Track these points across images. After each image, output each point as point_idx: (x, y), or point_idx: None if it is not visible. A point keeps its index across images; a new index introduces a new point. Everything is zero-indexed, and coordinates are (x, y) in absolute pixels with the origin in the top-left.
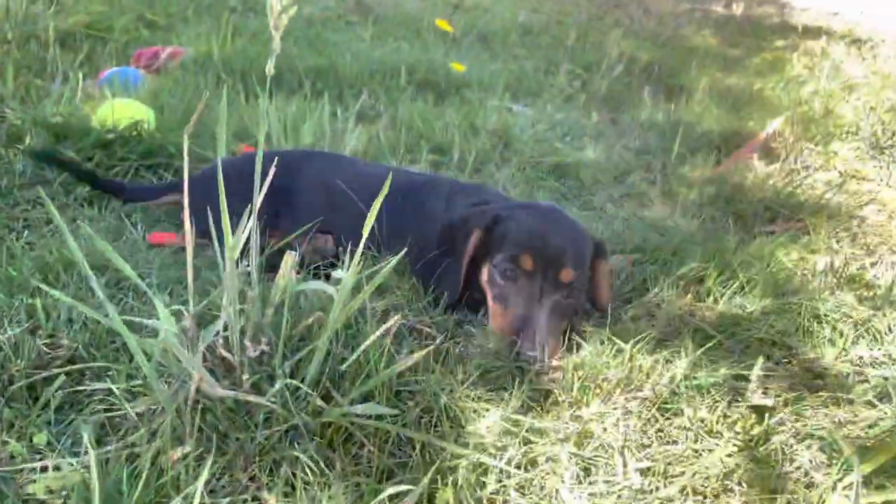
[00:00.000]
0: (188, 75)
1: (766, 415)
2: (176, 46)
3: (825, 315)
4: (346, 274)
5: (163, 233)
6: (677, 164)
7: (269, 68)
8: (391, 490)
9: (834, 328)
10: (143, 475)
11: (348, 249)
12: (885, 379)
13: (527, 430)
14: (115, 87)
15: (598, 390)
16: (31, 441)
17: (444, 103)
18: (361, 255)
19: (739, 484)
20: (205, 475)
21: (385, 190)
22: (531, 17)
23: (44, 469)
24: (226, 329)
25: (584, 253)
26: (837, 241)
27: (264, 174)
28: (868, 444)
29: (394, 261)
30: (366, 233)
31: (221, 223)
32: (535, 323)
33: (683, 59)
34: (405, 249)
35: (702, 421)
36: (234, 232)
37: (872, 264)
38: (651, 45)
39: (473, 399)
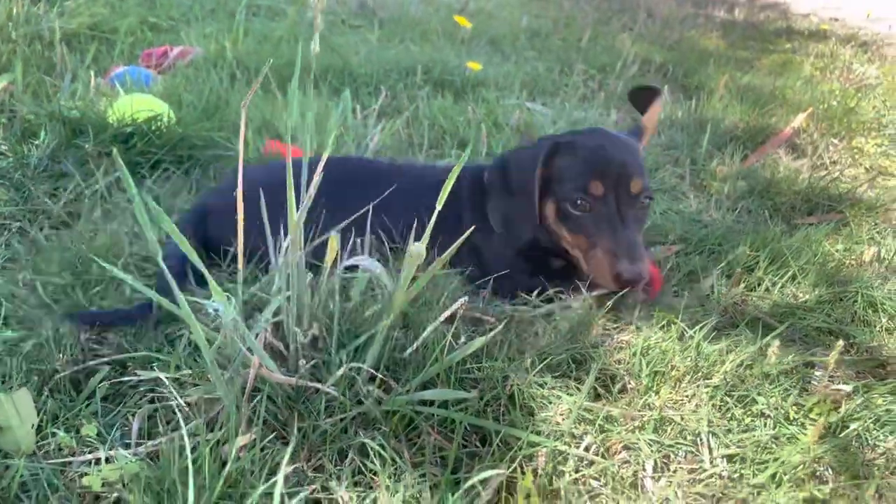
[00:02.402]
0: (201, 73)
1: (842, 401)
2: (185, 46)
3: (881, 303)
4: (419, 246)
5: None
6: (706, 160)
7: (314, 47)
8: (478, 477)
9: (892, 317)
10: (207, 466)
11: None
12: None
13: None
14: (129, 84)
15: (665, 377)
16: (78, 432)
17: (462, 101)
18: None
19: (827, 470)
20: (285, 463)
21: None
22: (535, 21)
23: (96, 461)
24: (276, 315)
25: (641, 160)
26: (878, 233)
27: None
28: None
29: (459, 241)
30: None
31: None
32: (627, 241)
33: (696, 60)
34: (468, 231)
35: (775, 408)
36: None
37: None
38: (660, 47)
39: (540, 386)
